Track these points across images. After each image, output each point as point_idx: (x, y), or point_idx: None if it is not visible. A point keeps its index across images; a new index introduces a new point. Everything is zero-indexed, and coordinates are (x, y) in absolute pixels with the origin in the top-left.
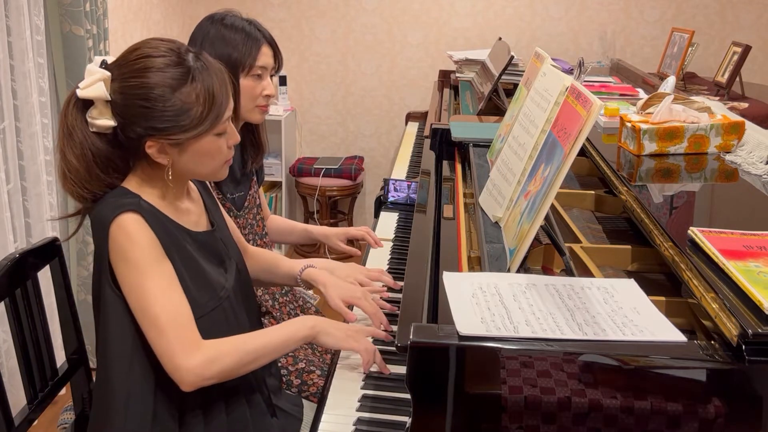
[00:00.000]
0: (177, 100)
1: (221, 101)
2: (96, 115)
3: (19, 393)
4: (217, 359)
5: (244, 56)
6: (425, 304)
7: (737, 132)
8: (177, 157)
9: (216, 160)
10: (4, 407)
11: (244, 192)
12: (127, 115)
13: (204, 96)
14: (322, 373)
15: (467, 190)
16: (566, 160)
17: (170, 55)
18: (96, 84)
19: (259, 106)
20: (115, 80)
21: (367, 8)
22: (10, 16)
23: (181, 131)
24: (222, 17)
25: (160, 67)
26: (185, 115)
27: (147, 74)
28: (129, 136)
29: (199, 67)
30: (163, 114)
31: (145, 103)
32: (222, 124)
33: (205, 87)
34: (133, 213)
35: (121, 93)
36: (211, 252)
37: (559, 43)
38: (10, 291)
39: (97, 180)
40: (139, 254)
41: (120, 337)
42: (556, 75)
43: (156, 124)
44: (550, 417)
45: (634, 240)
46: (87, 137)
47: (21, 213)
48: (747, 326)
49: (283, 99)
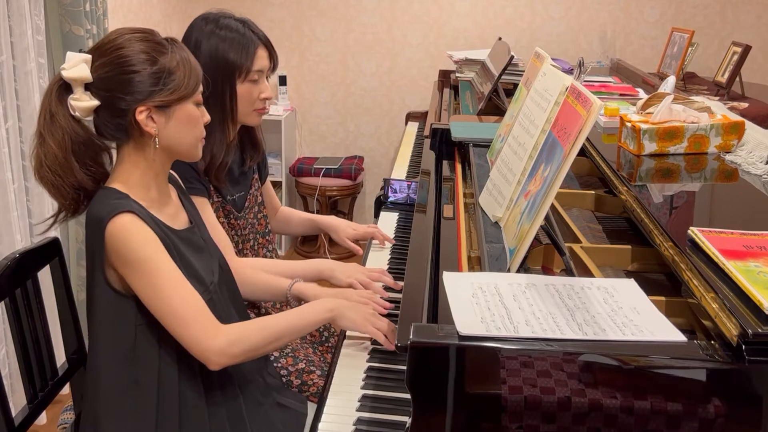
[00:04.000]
0: (160, 65)
1: (197, 73)
2: (78, 97)
3: (19, 393)
4: (241, 339)
5: (239, 62)
6: (425, 304)
7: (737, 132)
8: (163, 125)
9: (196, 130)
10: (4, 407)
11: (245, 192)
12: (112, 87)
13: (183, 63)
14: (322, 373)
15: (467, 190)
16: (566, 160)
17: (144, 34)
18: (80, 65)
19: (256, 110)
20: (95, 61)
21: (367, 8)
22: (12, 17)
23: (169, 93)
24: (216, 19)
25: (139, 39)
26: (170, 77)
27: (130, 46)
28: (118, 108)
29: (175, 45)
30: (150, 78)
31: (131, 69)
32: (199, 93)
33: (182, 57)
34: (128, 213)
35: (104, 67)
36: (195, 247)
37: (559, 43)
38: (10, 291)
39: (71, 171)
40: (144, 252)
41: (111, 334)
42: (556, 75)
43: (143, 87)
44: (550, 417)
45: (634, 240)
46: (68, 123)
47: (25, 213)
48: (747, 326)
49: (283, 99)
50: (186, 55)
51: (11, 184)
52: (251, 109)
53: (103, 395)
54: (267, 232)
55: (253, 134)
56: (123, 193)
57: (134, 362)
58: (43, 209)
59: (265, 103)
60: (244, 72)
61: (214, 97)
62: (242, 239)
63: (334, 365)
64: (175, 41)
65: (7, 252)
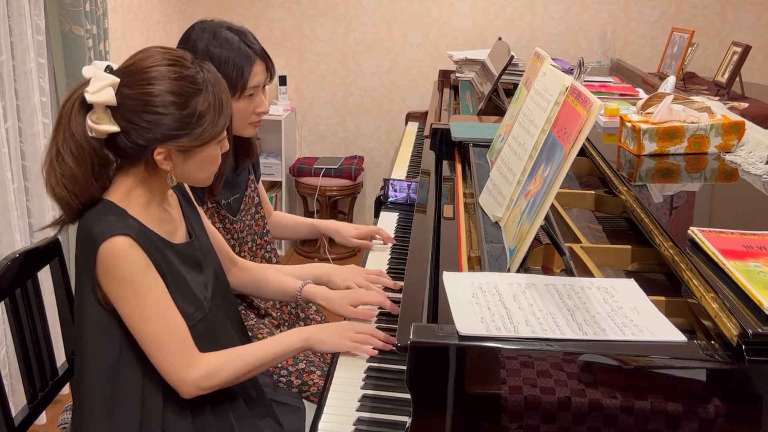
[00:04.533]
0: (190, 109)
1: (228, 111)
2: (96, 119)
3: (19, 393)
4: (216, 373)
5: (235, 80)
6: (425, 304)
7: (737, 132)
8: (181, 163)
9: (214, 166)
10: (4, 407)
11: (240, 194)
12: (136, 121)
13: (215, 104)
14: (322, 374)
15: (467, 190)
16: (566, 160)
17: (179, 66)
18: (106, 89)
19: (252, 123)
20: (124, 86)
21: (367, 8)
22: (12, 17)
23: (194, 138)
24: (213, 31)
25: (173, 77)
26: (199, 122)
27: (159, 83)
28: (135, 142)
29: (208, 78)
30: (176, 121)
31: (159, 109)
32: (224, 132)
33: (215, 96)
34: (124, 236)
35: (132, 99)
36: (192, 262)
37: (559, 43)
38: (10, 291)
39: (89, 188)
40: (134, 276)
41: (107, 350)
42: (556, 75)
43: (168, 130)
44: (550, 417)
45: (634, 240)
46: (89, 142)
47: (24, 213)
48: (747, 326)
49: (283, 99)
50: (218, 92)
51: (11, 184)
52: (246, 123)
53: (87, 408)
54: (265, 233)
55: (247, 141)
56: (120, 208)
57: (116, 379)
58: (43, 209)
59: (261, 116)
60: (240, 90)
61: None
62: (239, 242)
63: (334, 365)
64: (208, 69)
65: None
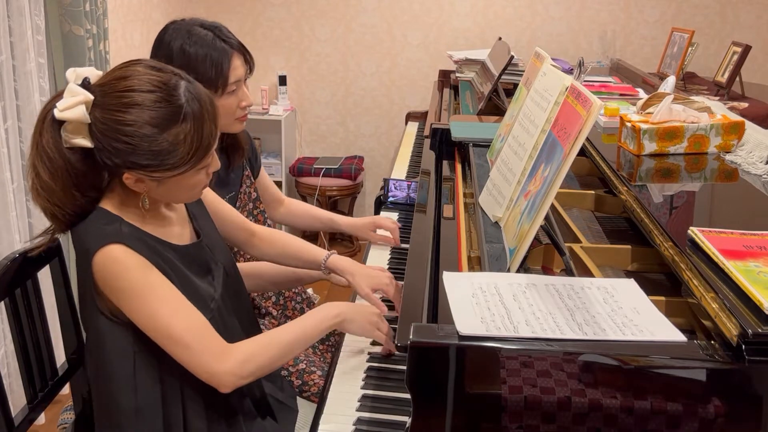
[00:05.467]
0: (164, 141)
1: (209, 140)
2: (72, 131)
3: (19, 393)
4: (250, 359)
5: (215, 76)
6: (425, 304)
7: (737, 132)
8: (154, 188)
9: (195, 189)
10: (4, 407)
11: (235, 191)
12: (107, 145)
13: (192, 136)
14: (322, 374)
15: (467, 190)
16: (566, 159)
17: (160, 91)
18: (77, 107)
19: (238, 118)
20: (98, 106)
21: (367, 8)
22: (12, 17)
23: (164, 169)
24: (187, 31)
25: (149, 105)
26: (171, 155)
27: (134, 110)
28: (106, 162)
29: (190, 104)
30: (147, 152)
31: (129, 140)
32: (207, 159)
33: (194, 127)
34: (117, 245)
35: (103, 123)
36: (198, 264)
37: (559, 43)
38: (10, 291)
39: (73, 200)
40: (137, 281)
41: (121, 360)
42: (556, 75)
43: (139, 160)
44: (550, 417)
45: (634, 240)
46: (62, 155)
47: (24, 213)
48: (747, 326)
49: (283, 99)
50: (201, 122)
51: (10, 183)
52: (232, 119)
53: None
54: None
55: (235, 137)
56: (114, 215)
57: (135, 390)
58: None
59: (246, 110)
60: (221, 87)
61: None
62: None
63: (334, 365)
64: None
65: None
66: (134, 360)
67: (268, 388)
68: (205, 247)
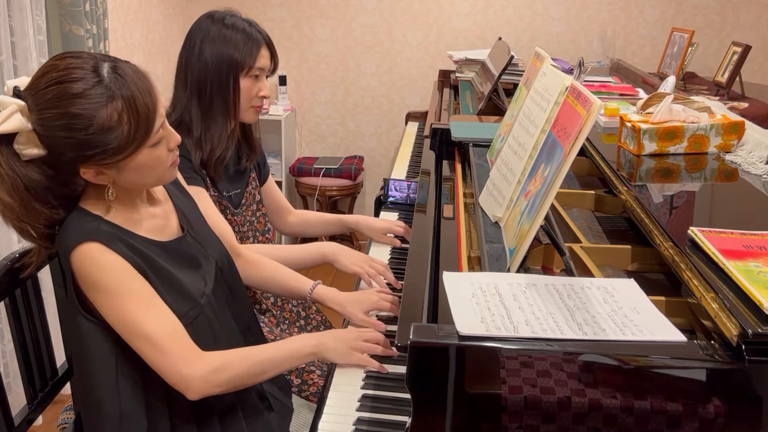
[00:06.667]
0: (98, 124)
1: (147, 113)
2: (24, 141)
3: (19, 393)
4: (224, 368)
5: (244, 57)
6: (425, 304)
7: (737, 132)
8: (116, 176)
9: (158, 169)
10: (4, 407)
11: (241, 189)
12: (52, 145)
13: (128, 113)
14: (322, 373)
15: (467, 190)
16: (566, 159)
17: (84, 77)
18: (12, 116)
19: (254, 107)
20: (32, 110)
21: (367, 8)
22: (13, 17)
23: (112, 153)
24: (222, 17)
25: (75, 93)
26: (111, 137)
27: (63, 102)
28: (61, 163)
29: (118, 83)
30: (87, 141)
31: (67, 134)
32: (155, 135)
33: (126, 103)
34: (94, 242)
35: (40, 125)
36: (185, 259)
37: (559, 43)
38: (10, 291)
39: (36, 213)
40: (111, 280)
41: (103, 363)
42: (556, 75)
43: (84, 151)
44: (550, 417)
45: (634, 240)
46: (17, 171)
47: None
48: (747, 326)
49: (283, 99)
50: (132, 97)
51: None
52: (249, 105)
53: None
54: (266, 230)
55: (249, 133)
56: (94, 215)
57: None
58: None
59: (263, 101)
60: (247, 67)
61: (218, 91)
62: (240, 237)
63: (334, 365)
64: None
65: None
66: (116, 364)
67: (266, 386)
68: (192, 241)
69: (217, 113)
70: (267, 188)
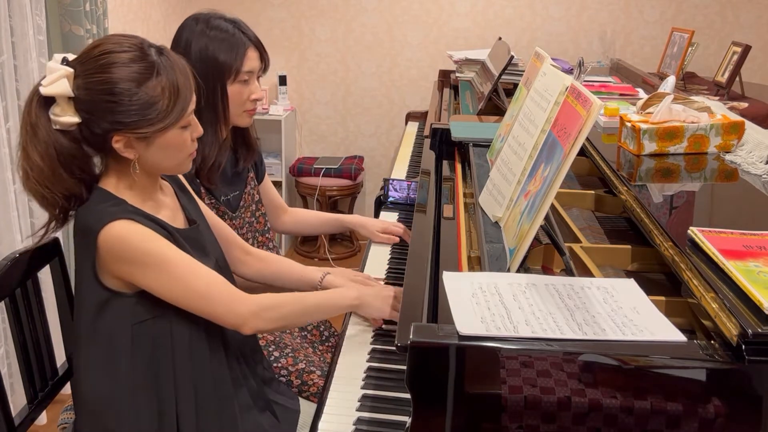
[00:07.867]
0: (143, 93)
1: (186, 95)
2: (59, 112)
3: (20, 393)
4: (276, 306)
5: (229, 62)
6: (425, 304)
7: (737, 132)
8: (143, 151)
9: (182, 152)
10: (4, 407)
11: (239, 191)
12: (92, 110)
13: (169, 89)
14: (322, 373)
15: (467, 190)
16: (566, 159)
17: (133, 50)
18: (59, 81)
19: (247, 111)
20: (78, 76)
21: (367, 8)
22: (13, 17)
23: (148, 124)
24: (206, 19)
25: (124, 61)
26: (152, 108)
27: (112, 69)
28: (94, 132)
29: (162, 61)
30: (129, 108)
31: (111, 98)
32: (187, 116)
33: (169, 81)
34: (123, 220)
35: (85, 89)
36: (198, 247)
37: (559, 43)
38: (10, 291)
39: (60, 180)
40: (149, 250)
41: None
42: (556, 75)
43: (122, 118)
44: (550, 417)
45: (634, 240)
46: (51, 135)
47: (26, 213)
48: (747, 326)
49: (283, 99)
50: (174, 78)
51: (11, 184)
52: (241, 110)
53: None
54: (266, 230)
55: (246, 134)
56: (117, 197)
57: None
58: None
59: (255, 104)
60: (234, 73)
61: (205, 98)
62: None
63: (334, 365)
64: (165, 54)
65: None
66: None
67: (270, 394)
68: (202, 233)
69: (206, 123)
70: (263, 187)
